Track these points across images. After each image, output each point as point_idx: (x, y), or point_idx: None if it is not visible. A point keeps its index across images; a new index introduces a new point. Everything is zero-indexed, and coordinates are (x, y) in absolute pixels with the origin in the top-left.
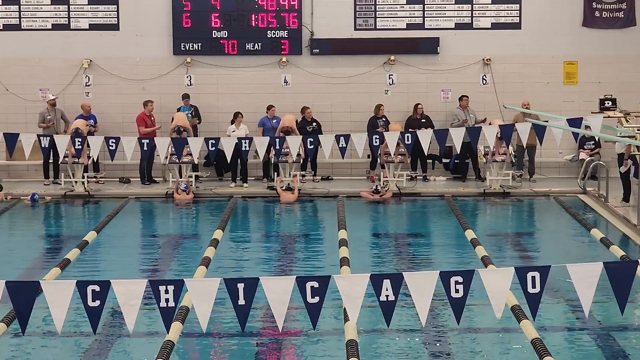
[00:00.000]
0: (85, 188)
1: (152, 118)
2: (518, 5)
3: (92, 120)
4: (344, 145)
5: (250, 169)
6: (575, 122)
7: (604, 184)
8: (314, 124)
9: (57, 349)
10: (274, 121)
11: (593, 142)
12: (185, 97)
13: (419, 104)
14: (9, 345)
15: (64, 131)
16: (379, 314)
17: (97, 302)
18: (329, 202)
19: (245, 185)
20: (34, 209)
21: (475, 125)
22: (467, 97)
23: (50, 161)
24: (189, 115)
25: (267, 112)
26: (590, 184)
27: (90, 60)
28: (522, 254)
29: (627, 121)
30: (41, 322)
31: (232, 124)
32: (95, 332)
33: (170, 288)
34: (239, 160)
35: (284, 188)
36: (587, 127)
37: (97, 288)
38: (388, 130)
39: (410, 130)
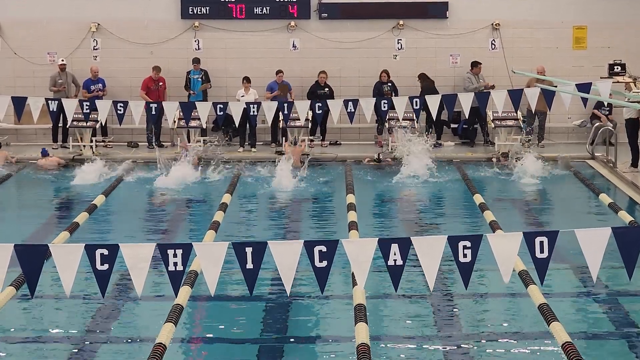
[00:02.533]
0: (93, 152)
1: (160, 84)
2: None
3: (100, 85)
4: (352, 110)
5: (258, 134)
6: (584, 87)
7: (613, 149)
8: (327, 89)
9: (66, 312)
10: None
11: (607, 107)
12: (196, 61)
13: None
14: (19, 309)
15: (74, 95)
16: (387, 278)
17: (106, 266)
18: (337, 167)
19: (253, 150)
20: (42, 174)
21: (484, 90)
22: (480, 64)
23: (59, 125)
24: (200, 79)
25: (275, 77)
26: (598, 149)
27: (99, 24)
28: (530, 219)
29: (636, 86)
30: (50, 285)
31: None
32: (103, 295)
33: (179, 252)
34: (247, 125)
35: (291, 143)
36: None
37: (105, 252)
38: (393, 95)
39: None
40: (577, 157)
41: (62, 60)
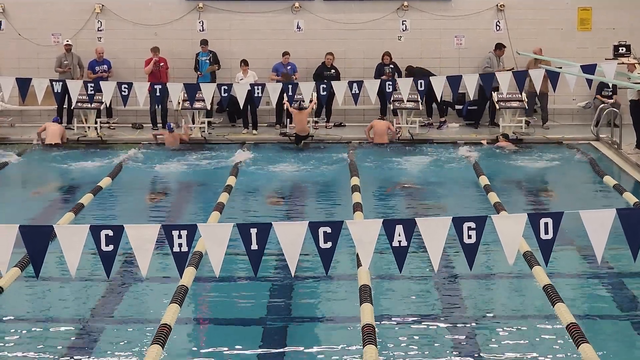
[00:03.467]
0: (98, 133)
1: (161, 64)
2: None
3: (105, 66)
4: (357, 91)
5: (262, 115)
6: (589, 69)
7: (618, 130)
8: (333, 70)
9: (71, 293)
10: (289, 67)
11: (611, 89)
12: (204, 42)
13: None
14: (24, 289)
15: (79, 77)
16: (391, 259)
17: (111, 247)
18: (341, 148)
19: (254, 132)
20: (47, 154)
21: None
22: (504, 47)
23: (63, 106)
24: (208, 61)
25: (282, 58)
26: (603, 130)
27: (103, 5)
28: (535, 200)
29: None
30: (55, 266)
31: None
32: (108, 276)
33: (184, 233)
34: (254, 109)
35: (296, 107)
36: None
37: (110, 233)
38: (395, 77)
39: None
40: (581, 139)
41: (68, 41)
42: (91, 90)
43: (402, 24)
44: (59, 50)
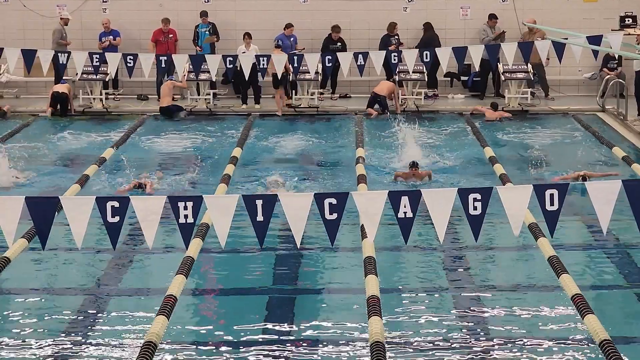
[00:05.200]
0: (103, 105)
1: (170, 36)
2: None
3: (110, 37)
4: (362, 63)
5: (268, 87)
6: (595, 40)
7: (623, 102)
8: (339, 43)
9: (78, 264)
10: (292, 39)
11: (616, 60)
12: (204, 14)
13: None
14: (31, 261)
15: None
16: (396, 231)
17: (117, 218)
18: (346, 119)
19: (257, 106)
20: (53, 125)
21: (496, 43)
22: (497, 19)
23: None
24: (207, 32)
25: (284, 30)
26: (609, 102)
27: None
28: (541, 171)
29: None
30: (61, 238)
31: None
32: (115, 247)
33: (189, 204)
34: (255, 81)
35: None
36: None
37: (116, 204)
38: (399, 49)
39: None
40: (587, 110)
41: (68, 14)
42: (96, 62)
43: None
44: (55, 23)
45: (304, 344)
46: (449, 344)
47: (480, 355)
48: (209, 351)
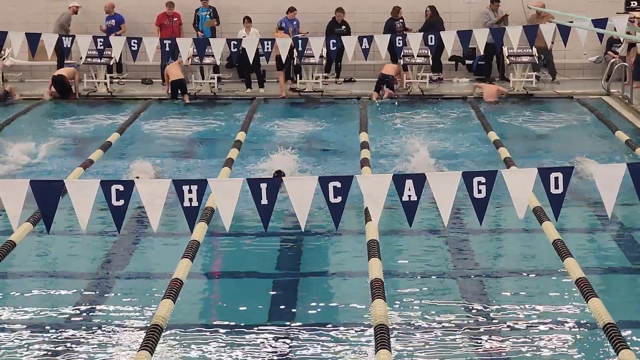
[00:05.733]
0: (107, 89)
1: (175, 19)
2: None
3: (113, 21)
4: (367, 47)
5: (272, 71)
6: (600, 23)
7: (628, 86)
8: (344, 27)
9: (83, 248)
10: (294, 23)
11: (620, 44)
12: None
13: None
14: (36, 244)
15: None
16: (401, 215)
17: (121, 202)
18: (351, 104)
19: (261, 90)
20: (57, 110)
21: (500, 26)
22: (499, 1)
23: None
24: (208, 16)
25: (287, 14)
26: (614, 85)
27: None
28: (545, 155)
29: None
30: (66, 222)
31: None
32: (119, 231)
33: (194, 188)
34: (258, 65)
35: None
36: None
37: (121, 188)
38: (405, 33)
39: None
40: (592, 94)
41: (77, 4)
42: (100, 46)
43: None
44: (65, 4)
45: (308, 327)
46: (453, 327)
47: (484, 338)
48: (214, 334)
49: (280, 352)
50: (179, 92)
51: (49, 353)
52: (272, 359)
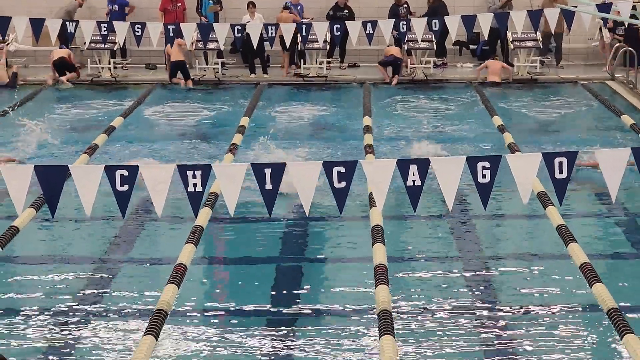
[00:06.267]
0: (111, 74)
1: (179, 4)
2: None
3: (116, 5)
4: (371, 31)
5: (277, 56)
6: (604, 8)
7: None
8: (346, 11)
9: (87, 233)
10: (299, 7)
11: (623, 27)
12: None
13: None
14: (40, 230)
15: None
16: (405, 200)
17: (126, 187)
18: (355, 89)
19: (265, 75)
20: (61, 95)
21: (503, 11)
22: None
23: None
24: (211, 1)
25: None
26: (618, 70)
27: None
28: (550, 139)
29: None
30: (70, 207)
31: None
32: (124, 216)
33: (198, 173)
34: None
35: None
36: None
37: (125, 172)
38: (409, 17)
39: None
40: (596, 78)
41: None
42: (104, 31)
43: None
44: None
45: (311, 313)
46: (457, 312)
47: (487, 323)
48: (218, 319)
49: (284, 337)
50: (179, 74)
51: (53, 338)
52: (276, 344)
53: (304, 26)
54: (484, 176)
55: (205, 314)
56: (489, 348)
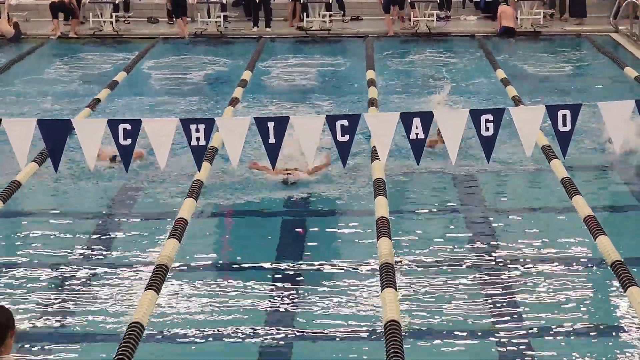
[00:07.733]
0: (113, 28)
1: None
2: None
3: None
4: None
5: (279, 10)
6: None
7: (637, 22)
8: None
9: (89, 188)
10: None
11: None
12: None
13: None
14: (43, 185)
15: None
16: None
17: (129, 141)
18: (358, 42)
19: (267, 29)
20: (63, 49)
21: None
22: None
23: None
24: None
25: None
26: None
27: None
28: (554, 92)
29: None
30: (73, 162)
31: None
32: (127, 170)
33: (201, 127)
34: (266, 3)
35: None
36: None
37: (128, 127)
38: None
39: None
40: (600, 31)
41: None
42: None
43: None
44: None
45: (315, 266)
46: (460, 265)
47: (490, 275)
48: (221, 273)
49: (287, 290)
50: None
51: (55, 293)
52: (279, 297)
53: None
54: (487, 129)
55: (208, 268)
56: (491, 302)
